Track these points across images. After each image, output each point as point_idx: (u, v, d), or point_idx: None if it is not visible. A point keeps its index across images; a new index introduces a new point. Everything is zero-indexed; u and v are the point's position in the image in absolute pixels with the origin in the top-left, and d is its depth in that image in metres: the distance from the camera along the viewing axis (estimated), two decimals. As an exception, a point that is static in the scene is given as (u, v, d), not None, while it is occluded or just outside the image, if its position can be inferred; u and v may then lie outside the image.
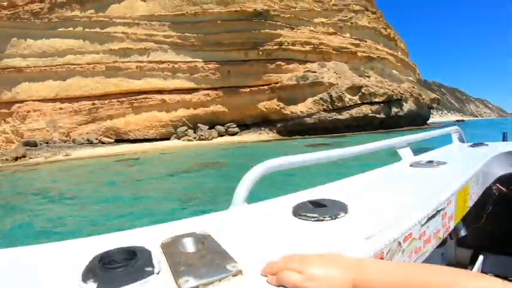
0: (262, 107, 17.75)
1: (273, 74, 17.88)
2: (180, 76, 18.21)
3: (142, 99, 18.27)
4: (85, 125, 18.87)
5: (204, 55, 18.27)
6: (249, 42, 17.72)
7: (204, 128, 17.87)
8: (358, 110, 17.70)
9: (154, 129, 18.17)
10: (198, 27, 18.09)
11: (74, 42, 19.78)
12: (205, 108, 18.22)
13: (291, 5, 18.85)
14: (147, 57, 18.50)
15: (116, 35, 18.93)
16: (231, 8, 17.48)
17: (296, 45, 18.13)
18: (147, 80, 18.45)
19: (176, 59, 18.25)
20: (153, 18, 18.39)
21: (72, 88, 19.30)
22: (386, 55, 22.04)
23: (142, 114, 18.43)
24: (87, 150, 16.16)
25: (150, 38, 18.38)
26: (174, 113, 18.27)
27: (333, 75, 18.15)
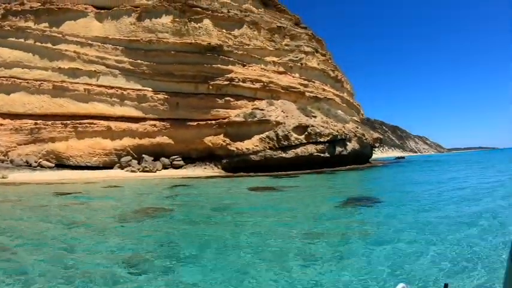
0: (208, 142, 17.93)
1: (221, 109, 18.17)
2: (128, 104, 18.08)
3: (87, 123, 17.99)
4: (25, 146, 18.22)
5: (154, 84, 18.31)
6: (200, 75, 17.98)
7: (149, 159, 17.75)
8: (303, 149, 18.17)
9: (97, 157, 17.83)
10: (151, 56, 18.17)
11: (23, 54, 19.36)
12: (151, 139, 18.15)
13: (245, 42, 19.40)
14: (97, 80, 18.29)
15: (67, 53, 18.66)
16: (185, 40, 17.69)
17: (246, 82, 18.60)
18: (94, 104, 18.25)
19: (126, 85, 18.19)
20: (107, 41, 18.25)
21: (16, 104, 18.73)
22: (333, 96, 23.29)
23: (86, 139, 18.09)
24: (25, 174, 15.99)
25: (102, 60, 18.19)
26: (119, 141, 18.14)
27: (281, 114, 18.75)
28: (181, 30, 18.19)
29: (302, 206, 7.12)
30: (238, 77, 18.57)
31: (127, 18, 18.59)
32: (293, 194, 9.35)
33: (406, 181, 13.37)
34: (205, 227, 4.96)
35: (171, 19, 18.52)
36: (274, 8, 24.72)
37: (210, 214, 6.01)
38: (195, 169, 18.02)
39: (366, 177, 15.94)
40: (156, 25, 18.29)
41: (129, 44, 18.43)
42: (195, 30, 18.30)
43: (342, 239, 4.20)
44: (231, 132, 17.92)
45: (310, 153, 17.81)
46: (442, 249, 3.61)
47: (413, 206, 6.28)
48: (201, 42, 18.04)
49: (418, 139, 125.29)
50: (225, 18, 19.36)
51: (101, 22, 18.63)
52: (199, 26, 18.44)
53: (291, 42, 20.68)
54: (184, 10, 18.56)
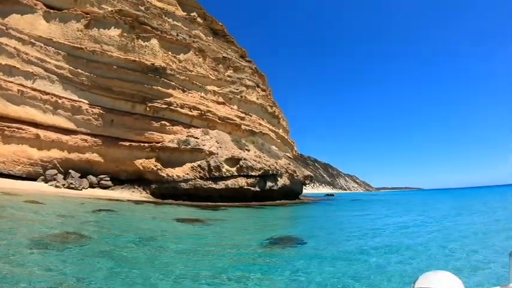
0: (139, 164, 18.71)
1: (156, 132, 19.10)
2: (61, 113, 18.70)
3: (16, 128, 18.02)
4: None
5: (91, 97, 19.02)
6: (139, 95, 19.03)
7: (76, 176, 18.26)
8: (234, 182, 18.92)
9: (21, 166, 17.90)
10: (93, 67, 19.00)
11: None
12: (80, 154, 18.66)
13: (189, 67, 20.84)
14: (32, 83, 18.71)
15: (6, 48, 18.76)
16: (129, 56, 19.01)
17: (184, 108, 19.80)
18: (26, 108, 18.42)
19: (61, 93, 18.84)
20: (50, 43, 19.27)
21: None
22: (268, 131, 24.82)
23: (12, 145, 17.96)
24: None
25: (41, 63, 18.91)
26: (46, 151, 18.34)
27: (215, 144, 19.64)
28: (128, 46, 19.35)
29: (225, 243, 7.59)
30: (177, 102, 19.66)
31: (75, 24, 19.88)
32: (218, 229, 9.83)
33: (330, 221, 14.64)
34: (120, 260, 5.14)
35: (119, 33, 19.59)
36: (223, 38, 26.58)
37: (129, 246, 6.20)
38: (123, 191, 18.54)
39: (292, 214, 17.41)
40: (103, 36, 19.54)
41: (72, 50, 19.20)
42: (141, 48, 19.49)
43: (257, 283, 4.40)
44: (163, 157, 18.81)
45: (240, 185, 18.88)
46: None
47: (333, 251, 6.79)
48: (145, 61, 19.09)
49: (348, 177, 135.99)
50: (172, 41, 20.77)
51: (47, 22, 19.89)
52: (146, 45, 19.66)
53: (234, 74, 22.19)
54: (133, 26, 19.85)
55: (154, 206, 15.42)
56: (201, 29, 23.56)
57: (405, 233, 9.02)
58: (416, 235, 8.74)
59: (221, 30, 25.54)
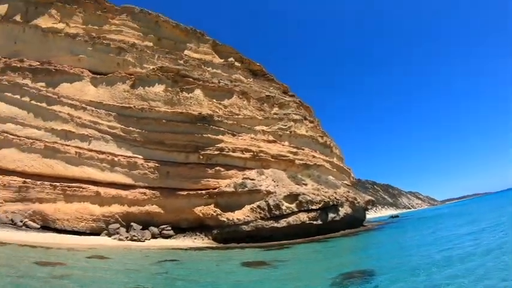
0: (198, 212, 20.82)
1: (211, 179, 21.32)
2: (119, 170, 21.47)
3: (76, 187, 20.81)
4: (12, 203, 20.28)
5: (145, 152, 21.70)
6: (191, 145, 21.71)
7: (138, 228, 20.44)
8: (295, 218, 20.00)
9: (85, 222, 20.27)
10: (143, 123, 22.06)
11: (18, 111, 21.90)
12: (140, 207, 21.03)
13: (235, 111, 23.43)
14: (88, 144, 21.69)
15: (61, 114, 21.93)
16: (177, 109, 22.20)
17: (236, 151, 22.05)
18: (85, 168, 21.16)
19: (117, 151, 21.71)
20: (101, 106, 22.89)
21: (6, 159, 20.99)
22: (323, 162, 26.07)
23: (74, 203, 20.50)
24: (8, 232, 17.14)
25: (94, 125, 22.20)
26: (107, 207, 20.75)
27: (271, 183, 21.05)
28: (173, 99, 22.43)
29: (296, 285, 7.82)
30: (228, 147, 21.95)
31: (121, 85, 23.67)
32: (287, 270, 10.08)
33: (402, 247, 14.80)
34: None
35: (163, 88, 22.70)
36: (262, 77, 29.26)
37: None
38: (185, 239, 20.41)
39: (359, 244, 18.08)
40: (149, 93, 22.93)
41: (121, 110, 22.53)
42: (186, 99, 22.39)
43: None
44: (221, 202, 20.89)
45: (302, 221, 20.21)
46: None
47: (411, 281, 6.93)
48: (192, 111, 21.92)
49: (410, 195, 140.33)
50: (215, 88, 23.50)
51: (95, 87, 24.06)
52: (191, 96, 22.50)
53: (280, 110, 27.59)
54: (176, 80, 22.99)
55: (218, 252, 16.81)
56: (240, 72, 26.70)
57: (488, 256, 8.99)
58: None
59: (260, 70, 29.50)
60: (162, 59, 24.92)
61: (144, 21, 27.86)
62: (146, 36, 26.91)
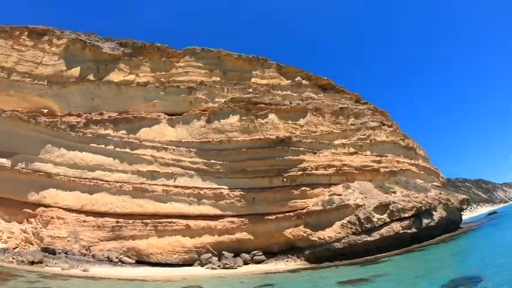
0: (288, 234, 25.43)
1: (298, 199, 26.07)
2: (206, 202, 27.49)
3: (167, 222, 27.06)
4: (107, 242, 27.14)
5: (229, 182, 27.75)
6: (273, 169, 27.28)
7: (229, 256, 25.27)
8: (388, 229, 23.21)
9: (177, 254, 26.02)
10: (223, 155, 28.44)
11: (104, 159, 29.83)
12: (230, 236, 26.35)
13: (312, 129, 28.75)
14: (174, 181, 28.52)
15: (144, 157, 29.47)
16: (254, 136, 28.43)
17: (319, 169, 26.96)
18: (173, 204, 27.76)
19: (202, 185, 28.10)
20: (181, 144, 30.09)
21: (98, 203, 28.49)
22: (408, 166, 29.76)
23: (166, 237, 26.54)
24: (105, 269, 22.62)
25: (177, 163, 29.28)
26: (198, 239, 26.40)
27: (359, 196, 24.97)
28: (249, 127, 28.64)
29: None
30: (311, 166, 26.74)
31: (197, 122, 30.57)
32: (387, 285, 11.45)
33: (504, 246, 16.05)
34: None
35: (238, 118, 29.20)
36: (332, 90, 34.74)
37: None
38: (277, 263, 24.58)
39: (459, 248, 19.71)
40: (225, 125, 29.41)
41: (201, 145, 29.31)
42: (262, 125, 28.44)
43: None
44: (310, 222, 25.30)
45: (395, 231, 23.39)
46: None
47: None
48: (270, 136, 27.67)
49: (506, 187, 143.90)
50: (288, 110, 29.22)
51: (173, 127, 31.38)
52: (266, 121, 28.43)
53: (356, 120, 30.89)
54: (249, 108, 29.48)
55: (312, 272, 19.85)
56: (309, 89, 33.44)
57: None
58: None
59: (328, 83, 36.65)
60: (231, 91, 32.16)
61: (207, 59, 36.04)
62: (212, 72, 34.86)
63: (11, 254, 23.26)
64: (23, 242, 26.68)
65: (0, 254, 23.03)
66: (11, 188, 30.06)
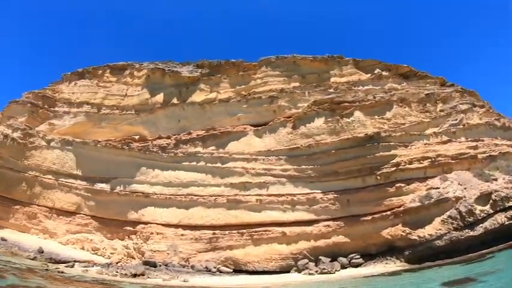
0: (386, 234, 30.84)
1: (394, 197, 31.75)
2: (300, 208, 34.52)
3: (262, 231, 34.31)
4: (204, 253, 35.02)
5: (321, 186, 34.56)
6: (365, 168, 33.47)
7: (326, 261, 31.07)
8: (492, 221, 26.71)
9: (274, 262, 32.60)
10: (313, 159, 35.59)
11: (197, 175, 39.14)
12: (326, 240, 32.44)
13: (400, 122, 34.74)
14: (266, 190, 36.48)
15: (235, 169, 38.15)
16: (342, 136, 35.30)
17: (413, 162, 32.27)
18: (267, 212, 35.31)
19: (294, 191, 35.41)
20: (270, 153, 38.23)
21: (194, 217, 37.38)
22: (507, 148, 33.33)
23: (262, 246, 33.48)
24: (204, 279, 29.15)
25: (268, 172, 37.26)
26: (294, 245, 32.75)
27: (458, 187, 29.34)
28: (336, 128, 35.65)
29: None
30: (404, 160, 32.44)
31: (283, 130, 38.72)
32: (498, 284, 13.48)
33: None
34: None
35: (323, 120, 36.45)
36: (415, 77, 40.79)
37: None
38: (376, 265, 29.43)
39: None
40: (311, 129, 37.01)
41: (290, 152, 36.77)
42: (348, 125, 35.30)
43: None
44: (408, 219, 30.34)
45: (500, 223, 26.77)
46: None
47: None
48: (358, 135, 34.20)
49: None
50: (373, 105, 35.60)
51: (260, 138, 40.31)
52: (352, 120, 35.36)
53: (445, 105, 35.99)
54: (333, 109, 36.50)
55: (413, 273, 22.96)
56: (391, 80, 40.25)
57: None
58: None
59: (409, 71, 43.22)
60: (312, 94, 39.38)
61: (283, 66, 44.65)
62: (290, 78, 43.17)
63: (115, 268, 30.92)
64: (125, 256, 36.28)
65: (104, 268, 30.76)
66: (112, 209, 41.15)
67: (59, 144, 44.90)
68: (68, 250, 37.56)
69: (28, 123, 46.75)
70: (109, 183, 42.30)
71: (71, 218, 41.95)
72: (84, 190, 42.68)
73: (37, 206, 42.49)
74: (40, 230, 41.61)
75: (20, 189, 42.70)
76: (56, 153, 44.58)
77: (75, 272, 29.15)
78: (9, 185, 43.16)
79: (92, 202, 42.46)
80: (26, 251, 34.51)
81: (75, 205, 42.42)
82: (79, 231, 41.11)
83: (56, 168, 44.19)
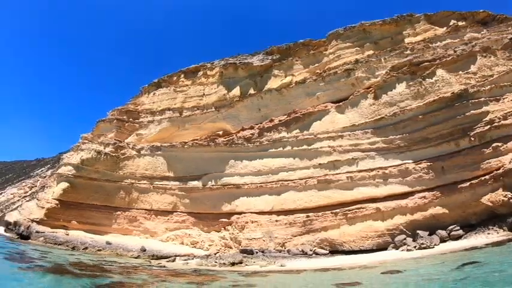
0: (486, 201, 30.33)
1: (491, 159, 31.15)
2: (392, 181, 35.64)
3: (356, 209, 35.94)
4: (299, 236, 37.97)
5: (412, 155, 35.29)
6: (457, 130, 33.41)
7: (424, 235, 31.43)
8: None
9: (370, 240, 33.97)
10: (401, 128, 36.44)
11: (284, 160, 42.75)
12: (423, 213, 32.92)
13: (487, 74, 34.16)
14: (356, 166, 38.10)
15: (322, 149, 40.62)
16: (428, 99, 35.27)
17: (508, 118, 31.75)
18: (359, 189, 37.02)
19: (385, 164, 36.64)
20: (355, 128, 39.67)
21: (287, 202, 40.81)
22: None
23: (357, 224, 35.15)
24: (301, 262, 31.13)
25: (356, 147, 38.74)
26: (390, 221, 33.92)
27: None
28: (419, 91, 36.04)
29: None
30: (497, 116, 32.05)
31: (365, 102, 40.11)
32: None
33: None
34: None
35: (405, 85, 37.15)
36: (494, 22, 40.52)
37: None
38: (477, 236, 29.10)
39: None
40: (394, 97, 37.86)
41: (375, 124, 38.30)
42: (432, 85, 35.48)
43: None
44: (509, 183, 29.56)
45: None
46: None
47: None
48: (444, 95, 34.32)
49: None
50: (455, 60, 35.58)
51: (343, 113, 41.66)
52: (435, 80, 35.50)
53: None
54: (413, 71, 36.89)
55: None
56: (469, 29, 40.23)
57: None
58: None
59: (487, 16, 41.24)
60: (389, 59, 40.04)
61: (353, 36, 46.28)
62: (363, 47, 44.58)
63: (213, 259, 34.43)
64: (223, 247, 40.68)
65: (203, 259, 34.53)
66: (206, 204, 46.52)
67: (148, 151, 51.32)
68: (168, 246, 42.68)
69: (117, 137, 54.58)
70: (200, 180, 47.39)
71: (168, 217, 48.16)
72: (178, 189, 48.48)
73: (136, 209, 49.30)
74: (141, 231, 47.99)
75: (118, 197, 49.83)
76: (147, 160, 50.99)
77: (177, 265, 33.10)
78: (109, 194, 50.31)
79: (187, 200, 48.04)
80: (130, 251, 40.12)
81: (171, 204, 48.40)
82: (177, 227, 46.79)
83: (149, 173, 50.60)
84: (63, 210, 48.44)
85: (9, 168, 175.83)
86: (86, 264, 27.86)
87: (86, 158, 50.60)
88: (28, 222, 48.72)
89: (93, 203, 49.76)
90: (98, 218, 48.90)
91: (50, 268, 23.46)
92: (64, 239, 43.62)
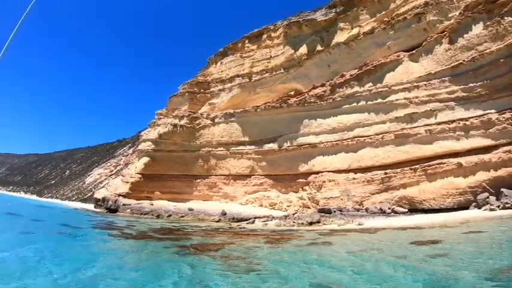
0: None
1: None
2: (474, 134, 33.68)
3: (436, 164, 34.57)
4: (377, 194, 37.96)
5: (495, 104, 33.00)
6: None
7: (509, 194, 28.50)
8: None
9: (451, 198, 32.22)
10: (481, 73, 33.97)
11: (359, 116, 42.60)
12: (507, 169, 30.08)
13: None
14: (435, 119, 36.56)
15: (398, 102, 39.39)
16: (509, 40, 32.30)
17: None
18: (439, 143, 35.56)
19: (466, 115, 34.56)
20: (431, 77, 37.68)
21: (364, 159, 40.88)
22: None
23: (438, 181, 33.82)
24: (379, 220, 31.06)
25: (433, 98, 36.96)
26: (472, 177, 31.69)
27: None
28: (499, 31, 33.11)
29: None
30: None
31: (439, 47, 37.87)
32: None
33: None
34: None
35: (482, 26, 34.36)
36: None
37: None
38: None
39: None
40: (471, 39, 35.19)
41: (453, 71, 36.03)
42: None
43: None
44: None
45: None
46: None
47: None
48: None
49: None
50: None
51: (417, 62, 39.70)
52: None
53: None
54: (490, 9, 33.56)
55: None
56: None
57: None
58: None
59: None
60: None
61: None
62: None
63: (292, 219, 35.62)
64: (301, 207, 42.57)
65: (282, 220, 35.96)
66: (283, 165, 48.18)
67: (222, 119, 53.59)
68: (247, 209, 45.52)
69: (190, 109, 57.78)
70: (276, 142, 48.97)
71: (246, 181, 50.87)
72: (254, 153, 50.54)
73: (215, 176, 52.92)
74: (221, 196, 51.32)
75: (197, 166, 53.73)
76: (222, 127, 53.38)
77: (256, 226, 35.28)
78: (188, 164, 54.24)
79: (263, 163, 50.08)
80: (211, 216, 43.56)
81: (249, 168, 50.82)
82: (256, 190, 49.26)
83: (225, 140, 53.12)
84: (146, 183, 53.41)
85: (94, 152, 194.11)
86: (169, 229, 30.96)
87: (163, 132, 54.45)
88: (115, 197, 54.18)
89: (174, 173, 54.12)
90: (179, 187, 53.17)
91: (136, 235, 26.19)
92: (149, 208, 48.50)
